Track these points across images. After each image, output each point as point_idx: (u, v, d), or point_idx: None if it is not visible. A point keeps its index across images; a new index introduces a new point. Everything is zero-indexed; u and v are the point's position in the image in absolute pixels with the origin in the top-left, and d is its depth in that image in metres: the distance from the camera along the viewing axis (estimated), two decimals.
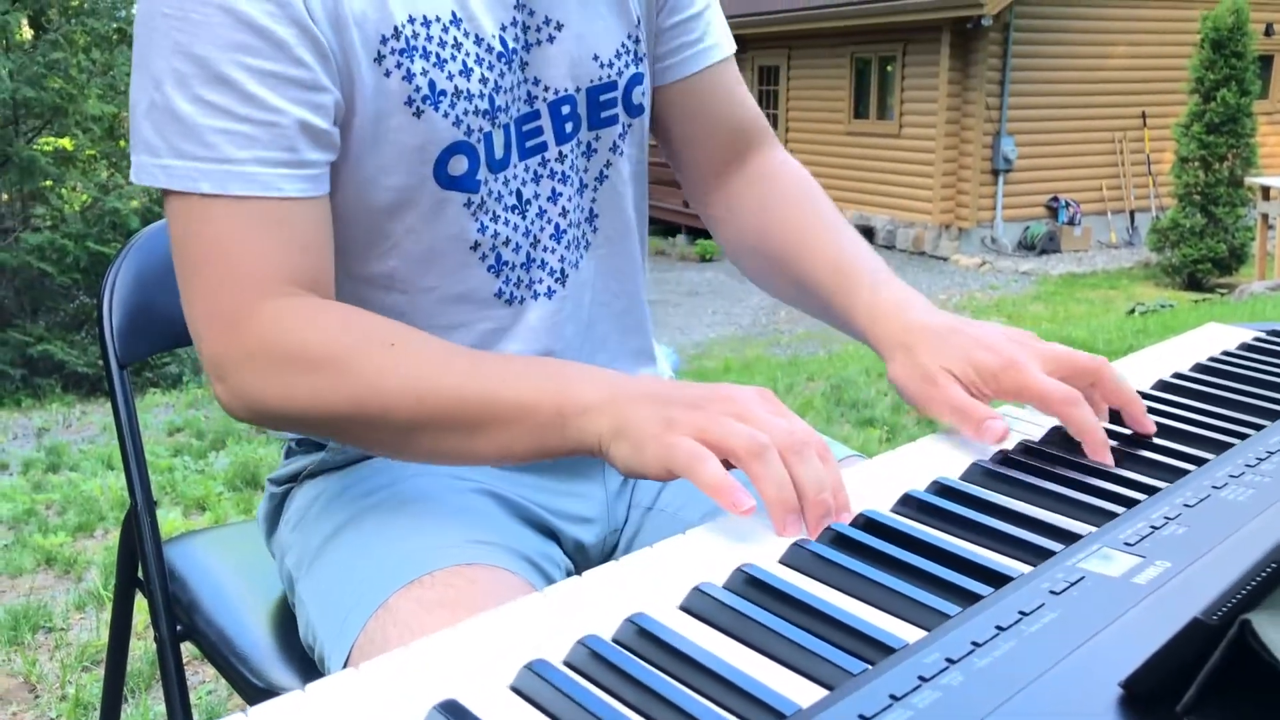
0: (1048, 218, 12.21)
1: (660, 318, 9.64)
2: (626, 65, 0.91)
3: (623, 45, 0.91)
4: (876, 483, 0.67)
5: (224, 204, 0.73)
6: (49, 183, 8.47)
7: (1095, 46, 12.00)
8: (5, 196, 8.59)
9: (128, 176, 8.82)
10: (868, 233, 12.68)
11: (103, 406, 5.87)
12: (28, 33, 9.46)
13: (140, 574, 1.05)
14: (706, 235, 10.94)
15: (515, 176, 0.86)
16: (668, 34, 0.96)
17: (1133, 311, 8.14)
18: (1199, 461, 0.68)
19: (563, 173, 0.89)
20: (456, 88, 0.80)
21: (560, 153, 0.89)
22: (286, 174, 0.74)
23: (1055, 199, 12.19)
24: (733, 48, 1.02)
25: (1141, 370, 0.89)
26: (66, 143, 8.84)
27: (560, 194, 0.89)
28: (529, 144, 0.87)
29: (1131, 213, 12.58)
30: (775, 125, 13.83)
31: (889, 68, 12.47)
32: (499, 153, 0.85)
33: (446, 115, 0.80)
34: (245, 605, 1.01)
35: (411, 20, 0.79)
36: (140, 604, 1.15)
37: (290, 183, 0.74)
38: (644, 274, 1.03)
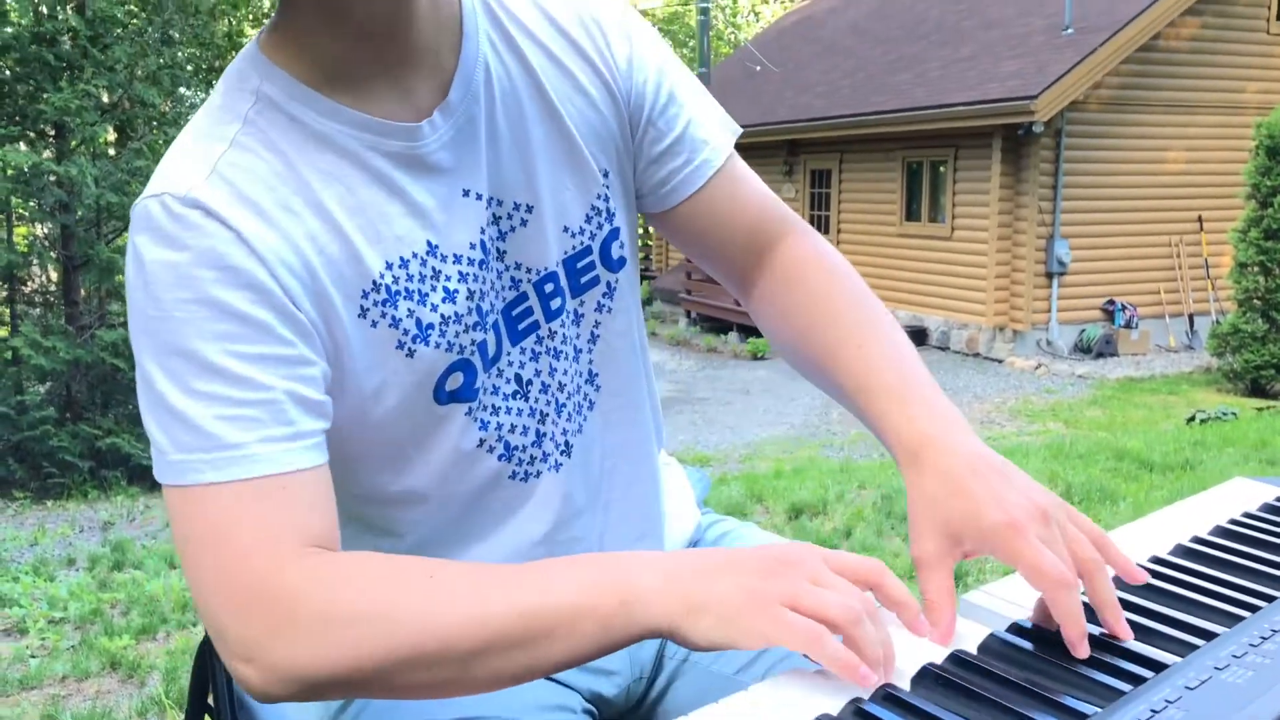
0: (1104, 320, 12.13)
1: (713, 415, 9.68)
2: (599, 227, 0.93)
3: (592, 208, 0.92)
4: (900, 654, 0.71)
5: (226, 487, 0.72)
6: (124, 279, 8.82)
7: (1149, 152, 12.04)
8: (84, 294, 8.96)
9: None
10: (920, 334, 12.68)
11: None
12: (111, 135, 9.94)
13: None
14: (758, 333, 11.01)
15: (512, 363, 0.89)
16: (656, 163, 0.95)
17: (1193, 419, 8.00)
18: (1209, 635, 0.72)
19: (555, 348, 0.91)
20: (443, 315, 0.83)
21: (551, 330, 0.91)
22: (290, 447, 0.74)
23: (1111, 302, 12.12)
24: (728, 144, 0.98)
25: (1164, 532, 0.92)
26: None
27: (557, 369, 0.92)
28: (521, 326, 0.89)
29: (1190, 316, 12.45)
30: (827, 227, 14.01)
31: (941, 170, 12.61)
32: (491, 351, 0.87)
33: (438, 345, 0.83)
34: None
35: (389, 266, 0.81)
36: None
37: (295, 455, 0.74)
38: (654, 414, 1.04)
